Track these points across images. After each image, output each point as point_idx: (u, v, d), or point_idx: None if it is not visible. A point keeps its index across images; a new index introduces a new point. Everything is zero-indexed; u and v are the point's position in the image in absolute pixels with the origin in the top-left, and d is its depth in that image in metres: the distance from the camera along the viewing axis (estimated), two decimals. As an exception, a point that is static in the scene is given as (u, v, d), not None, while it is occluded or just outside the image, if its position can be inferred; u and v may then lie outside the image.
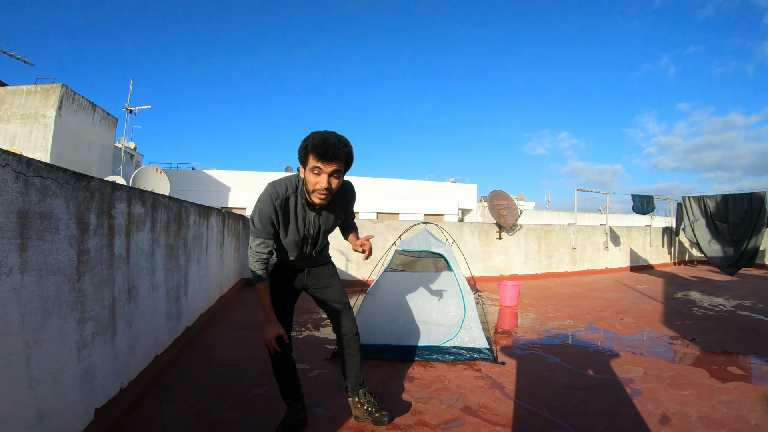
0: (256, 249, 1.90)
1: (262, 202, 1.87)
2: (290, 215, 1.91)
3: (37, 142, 9.53)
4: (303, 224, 1.94)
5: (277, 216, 1.87)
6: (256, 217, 1.87)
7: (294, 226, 1.93)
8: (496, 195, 8.68)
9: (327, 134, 1.77)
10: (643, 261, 10.82)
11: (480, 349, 3.23)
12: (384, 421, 2.10)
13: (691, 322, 4.73)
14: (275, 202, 1.85)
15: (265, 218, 1.86)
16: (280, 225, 1.90)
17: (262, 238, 1.89)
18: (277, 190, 1.85)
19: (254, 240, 1.90)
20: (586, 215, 25.36)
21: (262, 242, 1.89)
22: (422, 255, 3.76)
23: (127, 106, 14.05)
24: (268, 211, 1.85)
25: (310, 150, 1.74)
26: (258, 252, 1.90)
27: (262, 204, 1.86)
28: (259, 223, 1.87)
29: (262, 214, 1.86)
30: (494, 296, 6.30)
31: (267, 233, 1.89)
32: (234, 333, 4.02)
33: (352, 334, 2.16)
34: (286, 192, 1.87)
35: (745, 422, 2.24)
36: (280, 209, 1.87)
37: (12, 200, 1.32)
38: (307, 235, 1.97)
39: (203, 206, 4.27)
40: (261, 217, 1.86)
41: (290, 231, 1.93)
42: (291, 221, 1.92)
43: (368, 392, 2.17)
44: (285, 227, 1.92)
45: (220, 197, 16.69)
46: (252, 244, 1.91)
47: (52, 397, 1.55)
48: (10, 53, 11.46)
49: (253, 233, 1.91)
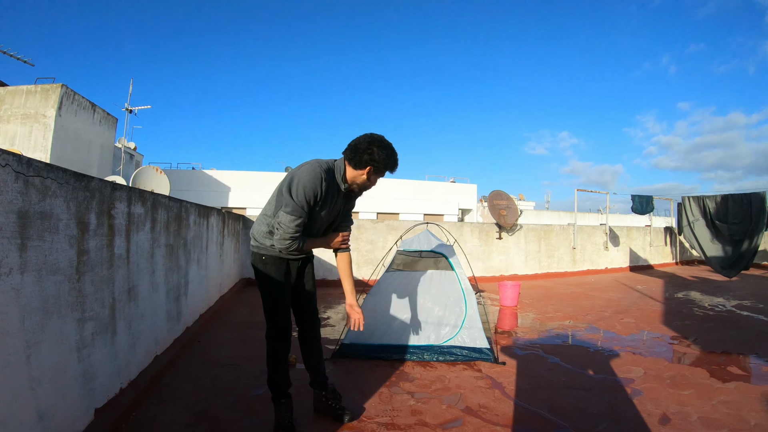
0: (295, 230, 1.87)
1: (310, 179, 1.85)
2: (329, 193, 1.97)
3: (37, 142, 9.53)
4: (332, 206, 2.03)
5: (321, 194, 1.91)
6: (301, 193, 1.84)
7: (328, 206, 2.00)
8: (496, 195, 8.68)
9: (395, 155, 1.97)
10: (643, 261, 10.82)
11: (480, 349, 3.23)
12: (344, 420, 2.17)
13: (691, 322, 4.73)
14: (323, 183, 1.89)
15: (311, 194, 1.87)
16: (320, 203, 1.94)
17: (301, 217, 1.88)
18: (325, 171, 1.90)
19: (291, 217, 1.85)
20: (586, 215, 25.36)
21: (300, 220, 1.88)
22: (423, 255, 3.76)
23: (127, 106, 14.06)
24: (315, 187, 1.87)
25: (381, 167, 1.94)
26: (296, 232, 1.88)
27: (311, 181, 1.85)
28: (303, 199, 1.85)
29: (309, 190, 1.85)
30: (494, 296, 6.30)
31: (305, 211, 1.89)
32: (234, 333, 4.02)
33: (319, 331, 2.31)
34: (329, 171, 1.94)
35: (745, 422, 2.24)
36: (326, 186, 1.92)
37: (12, 200, 1.32)
38: (329, 217, 2.07)
39: (203, 206, 4.27)
40: (306, 193, 1.85)
41: (325, 209, 1.99)
42: (329, 201, 1.99)
43: (335, 388, 2.29)
44: (323, 205, 1.97)
45: (220, 197, 16.68)
46: (289, 226, 1.86)
47: (52, 397, 1.55)
48: (10, 53, 11.47)
49: (294, 212, 1.85)
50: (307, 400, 2.36)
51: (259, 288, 2.10)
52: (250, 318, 4.69)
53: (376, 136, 1.95)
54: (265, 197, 12.08)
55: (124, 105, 14.05)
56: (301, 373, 2.85)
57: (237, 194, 17.04)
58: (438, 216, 18.55)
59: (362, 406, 2.40)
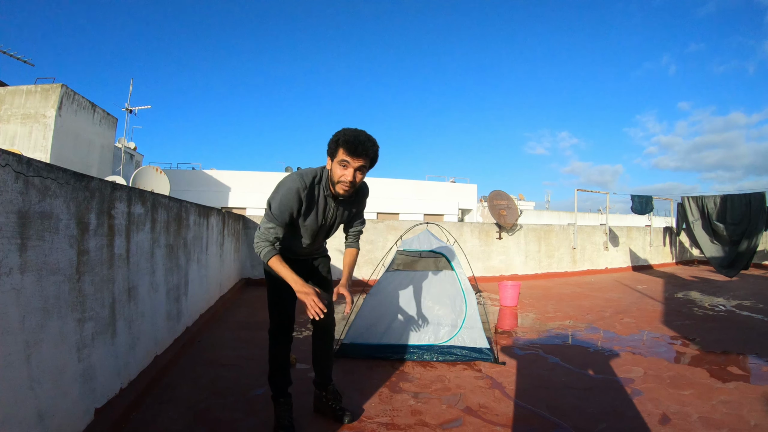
0: (266, 231, 1.91)
1: (285, 192, 1.88)
2: (313, 204, 1.97)
3: (37, 142, 9.53)
4: (323, 214, 2.01)
5: (300, 205, 1.91)
6: (276, 205, 1.89)
7: (314, 214, 1.99)
8: (496, 195, 8.68)
9: (358, 132, 1.85)
10: (643, 261, 10.82)
11: (481, 348, 3.23)
12: (344, 420, 2.17)
13: (691, 322, 4.73)
14: (302, 193, 1.89)
15: (285, 208, 1.89)
16: (302, 213, 1.94)
17: (275, 224, 1.91)
18: (305, 180, 1.90)
19: (267, 222, 1.92)
20: (586, 215, 25.36)
21: (273, 228, 1.91)
22: (423, 255, 3.76)
23: (127, 106, 14.06)
24: (290, 201, 1.88)
25: (341, 144, 1.81)
26: (266, 234, 1.91)
27: (286, 194, 1.88)
28: (278, 210, 1.89)
29: (283, 203, 1.88)
30: (494, 296, 6.30)
31: (282, 221, 1.91)
32: (234, 333, 4.02)
33: (333, 330, 2.28)
34: (312, 182, 1.92)
35: (745, 422, 2.24)
36: (305, 198, 1.91)
37: (12, 200, 1.32)
38: (324, 225, 2.05)
39: (203, 206, 4.27)
40: (281, 206, 1.88)
41: (310, 219, 1.98)
42: (313, 210, 1.98)
43: (336, 389, 2.28)
44: (306, 215, 1.96)
45: (220, 197, 16.68)
46: (263, 226, 1.93)
47: (52, 397, 1.55)
48: (10, 53, 11.48)
49: (267, 216, 1.93)
50: (307, 400, 2.36)
51: (267, 286, 2.14)
52: (250, 318, 4.69)
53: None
54: (265, 197, 12.08)
55: (124, 105, 14.06)
56: (302, 373, 2.86)
57: (237, 194, 17.04)
58: (438, 216, 18.55)
59: (362, 407, 2.40)
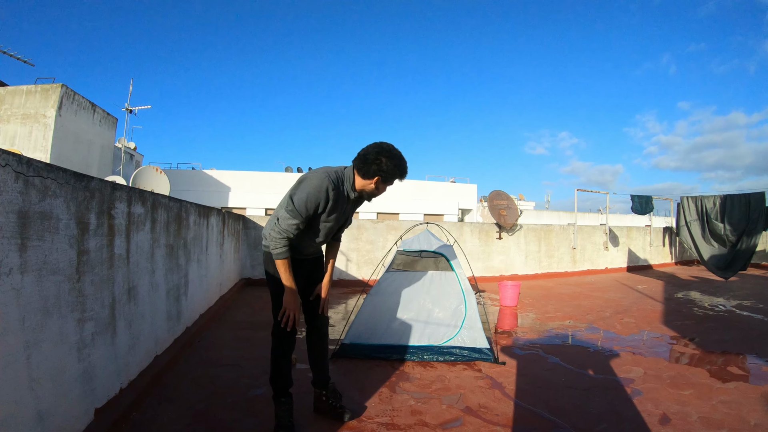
0: (288, 227, 1.93)
1: (313, 190, 1.91)
2: (338, 203, 2.02)
3: (37, 142, 9.53)
4: (342, 213, 2.08)
5: (327, 203, 1.96)
6: (303, 201, 1.91)
7: (337, 213, 2.05)
8: (496, 195, 8.68)
9: (404, 164, 1.98)
10: (643, 261, 10.82)
11: (480, 349, 3.23)
12: (344, 418, 2.19)
13: (691, 322, 4.74)
14: (330, 192, 1.94)
15: (312, 204, 1.92)
16: (327, 210, 1.98)
17: (299, 221, 1.94)
18: (333, 180, 1.95)
19: (290, 219, 1.93)
20: (586, 215, 25.35)
21: (296, 224, 1.94)
22: (423, 255, 3.76)
23: (127, 106, 14.05)
24: (318, 199, 1.92)
25: (398, 175, 1.97)
26: (288, 230, 1.93)
27: (316, 191, 1.91)
28: (304, 207, 1.92)
29: (311, 199, 1.91)
30: (494, 296, 6.30)
31: (306, 218, 1.94)
32: (234, 333, 4.02)
33: (326, 329, 2.32)
34: (337, 181, 1.98)
35: (745, 422, 2.24)
36: (333, 197, 1.96)
37: (12, 200, 1.32)
38: (339, 223, 2.13)
39: (203, 206, 4.27)
40: (308, 202, 1.91)
41: (333, 217, 2.05)
42: (338, 209, 2.04)
43: (335, 387, 2.30)
44: (330, 213, 2.01)
45: (220, 197, 16.68)
46: (284, 223, 1.93)
47: (52, 397, 1.55)
48: (10, 53, 11.47)
49: (292, 213, 1.93)
50: (307, 400, 2.36)
51: (269, 286, 2.14)
52: (250, 318, 4.69)
53: (384, 146, 1.97)
54: (265, 197, 12.11)
55: (124, 105, 14.04)
56: (302, 373, 2.86)
57: (237, 194, 17.04)
58: (438, 216, 18.55)
59: (362, 406, 2.40)
